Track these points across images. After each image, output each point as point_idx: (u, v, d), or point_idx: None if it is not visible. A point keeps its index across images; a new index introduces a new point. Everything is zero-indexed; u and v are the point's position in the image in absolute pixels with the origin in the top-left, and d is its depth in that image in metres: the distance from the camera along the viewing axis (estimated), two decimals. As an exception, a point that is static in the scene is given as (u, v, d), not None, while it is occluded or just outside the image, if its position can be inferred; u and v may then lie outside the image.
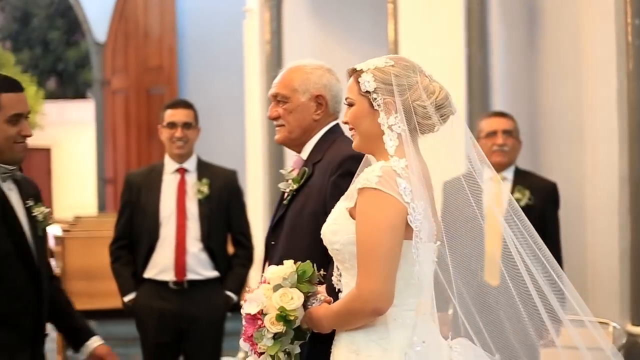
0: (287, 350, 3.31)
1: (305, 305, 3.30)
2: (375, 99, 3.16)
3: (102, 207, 18.36)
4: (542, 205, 5.78)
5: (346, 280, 3.20)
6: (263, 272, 3.62)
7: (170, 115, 6.18)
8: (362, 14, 9.73)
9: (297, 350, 3.34)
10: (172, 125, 6.15)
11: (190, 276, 6.00)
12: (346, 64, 3.45)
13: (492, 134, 5.84)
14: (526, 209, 5.72)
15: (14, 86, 3.87)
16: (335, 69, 4.08)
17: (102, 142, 17.66)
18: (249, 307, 3.31)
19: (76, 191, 28.60)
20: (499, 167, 5.83)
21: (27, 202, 3.94)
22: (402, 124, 3.14)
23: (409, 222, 3.02)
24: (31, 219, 3.94)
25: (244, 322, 3.35)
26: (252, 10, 11.02)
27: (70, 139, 33.26)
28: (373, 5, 9.33)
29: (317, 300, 3.32)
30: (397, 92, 3.14)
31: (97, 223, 12.43)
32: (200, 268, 6.04)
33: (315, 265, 3.33)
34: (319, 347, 3.36)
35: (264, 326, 3.27)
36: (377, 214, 3.02)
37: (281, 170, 4.07)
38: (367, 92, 3.18)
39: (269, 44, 10.01)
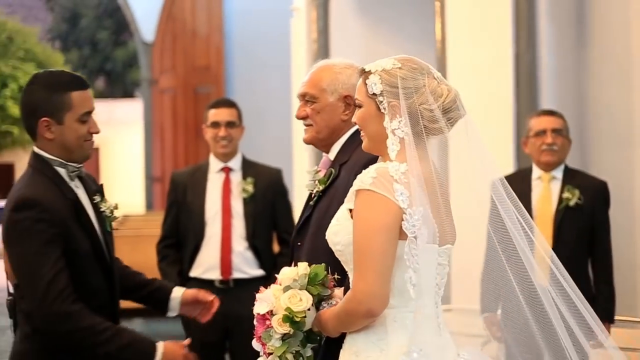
0: (298, 352, 3.30)
1: (318, 308, 3.30)
2: (382, 101, 3.14)
3: (149, 205, 18.46)
4: (592, 205, 5.71)
5: (352, 281, 3.17)
6: None
7: (213, 114, 6.20)
8: (408, 12, 9.68)
9: (309, 353, 3.33)
10: (215, 124, 6.17)
11: (236, 275, 6.01)
12: (392, 63, 3.41)
13: (542, 132, 5.77)
14: (576, 209, 5.69)
15: (82, 84, 3.84)
16: (382, 68, 4.03)
17: (150, 141, 17.76)
18: (258, 307, 3.33)
19: (124, 190, 28.81)
20: (548, 166, 5.77)
21: (94, 198, 3.91)
22: (406, 128, 3.10)
23: (403, 228, 2.99)
24: (99, 215, 3.92)
25: (255, 322, 3.36)
26: (299, 9, 11.02)
27: (118, 138, 33.55)
28: (420, 4, 9.29)
29: (330, 303, 3.32)
30: (402, 95, 3.10)
31: (145, 222, 12.48)
32: (246, 267, 6.04)
33: (329, 268, 3.33)
34: (332, 350, 3.33)
35: (272, 327, 3.27)
36: (370, 215, 3.00)
37: (307, 171, 4.01)
38: (374, 94, 3.16)
39: (316, 43, 9.99)
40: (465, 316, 6.04)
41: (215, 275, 5.97)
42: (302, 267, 3.33)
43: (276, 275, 3.43)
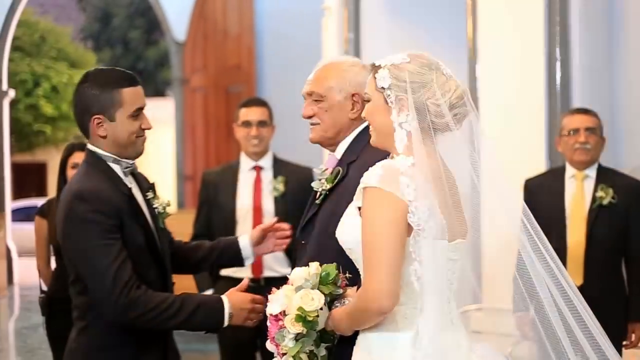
0: (312, 351, 3.31)
1: (330, 307, 3.31)
2: (389, 95, 3.16)
3: (181, 204, 18.51)
4: (625, 204, 5.67)
5: (363, 279, 3.18)
6: None
7: (244, 114, 6.23)
8: (440, 11, 9.65)
9: (323, 352, 3.34)
10: (246, 124, 6.20)
11: (267, 273, 6.02)
12: (425, 61, 3.41)
13: (575, 131, 5.73)
14: (609, 207, 5.65)
15: (132, 80, 3.86)
16: (413, 67, 4.00)
17: (182, 139, 17.82)
18: (271, 307, 3.34)
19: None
20: (582, 165, 5.74)
21: (147, 194, 3.96)
22: (413, 122, 3.12)
23: (409, 221, 3.00)
24: (152, 211, 3.96)
25: (268, 323, 3.37)
26: (330, 8, 11.02)
27: (150, 136, 33.64)
28: (451, 2, 9.26)
29: (342, 302, 3.33)
30: (410, 89, 3.12)
31: (176, 220, 12.52)
32: (277, 265, 6.06)
33: (340, 267, 3.33)
34: (346, 349, 3.33)
35: (285, 327, 3.28)
36: (377, 212, 3.02)
37: (315, 169, 3.97)
38: (382, 88, 3.19)
39: (347, 42, 9.99)
40: (496, 316, 6.02)
41: (246, 273, 5.98)
42: (314, 267, 3.34)
43: (288, 275, 3.44)
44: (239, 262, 4.33)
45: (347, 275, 3.35)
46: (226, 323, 3.80)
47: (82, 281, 3.77)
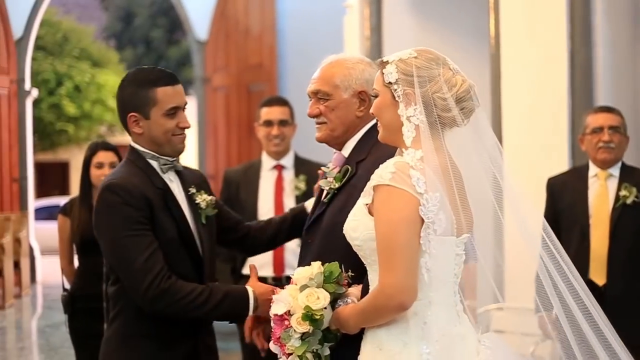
0: (317, 351, 3.32)
1: (333, 306, 3.33)
2: (396, 90, 3.19)
3: (203, 202, 18.53)
4: (650, 203, 5.63)
5: (371, 276, 3.22)
6: None
7: (266, 113, 6.25)
8: (462, 8, 9.62)
9: (327, 352, 3.35)
10: (268, 123, 6.22)
11: (289, 272, 6.01)
12: (447, 60, 3.40)
13: (598, 129, 5.68)
14: (633, 207, 5.61)
15: (169, 80, 3.92)
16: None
17: (203, 138, 17.85)
18: (276, 307, 3.36)
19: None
20: (605, 164, 5.69)
21: (189, 190, 4.01)
22: (421, 116, 3.15)
23: (420, 213, 3.02)
24: (194, 207, 4.00)
25: (272, 324, 3.39)
26: (352, 6, 11.01)
27: (172, 136, 33.69)
28: (474, 0, 9.23)
29: (345, 301, 3.34)
30: (417, 83, 3.15)
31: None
32: (299, 264, 6.06)
33: (342, 266, 3.35)
34: (346, 347, 3.33)
35: (291, 326, 3.30)
36: (391, 210, 3.04)
37: (323, 168, 3.92)
38: (390, 83, 3.21)
39: (369, 40, 9.98)
40: (518, 315, 6.00)
41: (268, 272, 5.98)
42: (316, 266, 3.37)
43: (290, 275, 3.44)
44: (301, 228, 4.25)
45: (350, 274, 3.36)
46: (251, 312, 3.85)
47: (114, 271, 3.86)
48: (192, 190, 4.02)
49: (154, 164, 3.93)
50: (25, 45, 18.27)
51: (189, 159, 23.00)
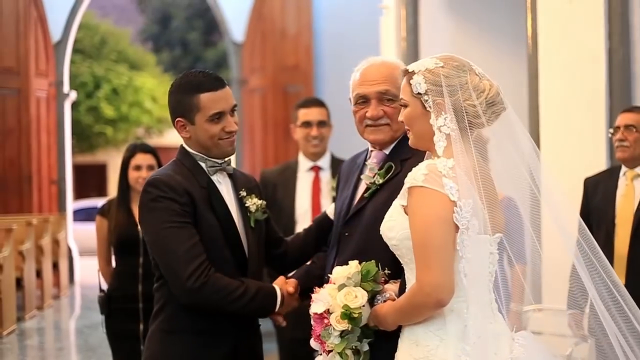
0: (356, 347, 3.41)
1: (371, 304, 3.41)
2: (427, 100, 3.24)
3: (239, 204, 18.58)
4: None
5: (408, 274, 3.29)
6: (334, 262, 3.76)
7: (304, 114, 6.29)
8: (499, 8, 9.58)
9: (366, 347, 3.44)
10: (307, 124, 6.26)
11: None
12: (483, 60, 3.42)
13: (617, 129, 5.71)
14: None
15: (213, 85, 3.93)
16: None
17: (240, 139, 17.88)
18: (315, 306, 3.46)
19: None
20: (623, 162, 5.70)
21: (240, 193, 4.05)
22: (452, 124, 3.20)
23: (454, 220, 3.08)
24: (244, 211, 4.04)
25: (312, 322, 3.48)
26: (388, 7, 10.99)
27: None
28: (511, 0, 9.19)
29: (383, 297, 3.42)
30: (447, 92, 3.20)
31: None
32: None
33: (379, 264, 3.42)
34: (384, 342, 3.39)
35: (330, 324, 3.39)
36: (426, 210, 3.10)
37: (367, 162, 3.92)
38: (419, 93, 3.26)
39: (405, 41, 9.96)
40: (556, 316, 5.96)
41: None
42: (354, 265, 3.45)
43: (329, 275, 3.48)
44: (323, 241, 4.33)
45: (387, 271, 3.44)
46: (277, 309, 3.96)
47: (158, 266, 3.92)
48: (243, 193, 4.06)
49: (203, 164, 3.99)
50: (63, 48, 18.40)
51: (226, 160, 23.04)
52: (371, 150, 3.96)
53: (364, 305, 3.38)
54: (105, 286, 6.38)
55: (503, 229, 3.26)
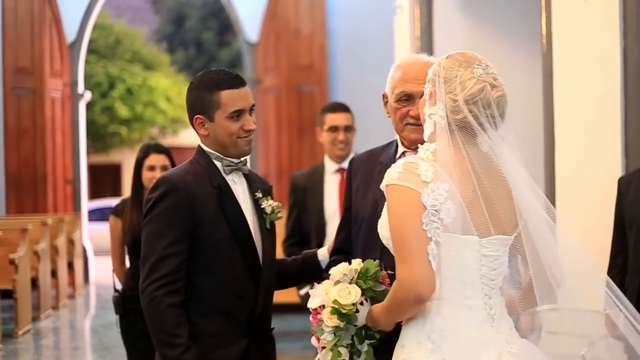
0: (354, 346, 3.40)
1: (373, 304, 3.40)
2: (426, 88, 3.31)
3: (255, 203, 18.62)
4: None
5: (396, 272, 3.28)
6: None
7: (331, 119, 6.59)
8: (513, 7, 9.55)
9: (365, 348, 3.42)
10: (334, 129, 6.56)
11: None
12: (498, 59, 3.40)
13: None
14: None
15: (234, 82, 3.95)
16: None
17: (255, 139, 17.85)
18: (311, 301, 3.46)
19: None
20: None
21: (255, 194, 4.04)
22: (442, 112, 3.21)
23: (422, 200, 3.07)
24: (259, 212, 4.02)
25: (310, 318, 3.48)
26: (402, 7, 10.98)
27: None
28: (525, -1, 9.16)
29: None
30: (438, 83, 3.24)
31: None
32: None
33: (382, 264, 3.43)
34: (389, 346, 3.37)
35: (323, 320, 3.39)
36: (397, 206, 3.14)
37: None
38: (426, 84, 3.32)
39: (420, 40, 9.94)
40: (571, 316, 5.94)
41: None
42: (356, 263, 3.46)
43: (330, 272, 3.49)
44: (319, 274, 4.21)
45: (389, 272, 3.41)
46: None
47: None
48: (259, 195, 4.04)
49: (218, 164, 3.98)
50: (78, 48, 18.44)
51: (240, 160, 23.09)
52: (404, 151, 3.94)
53: (361, 304, 3.38)
54: (119, 286, 6.40)
55: (512, 231, 3.21)
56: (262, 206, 4.03)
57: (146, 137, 30.93)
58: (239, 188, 4.01)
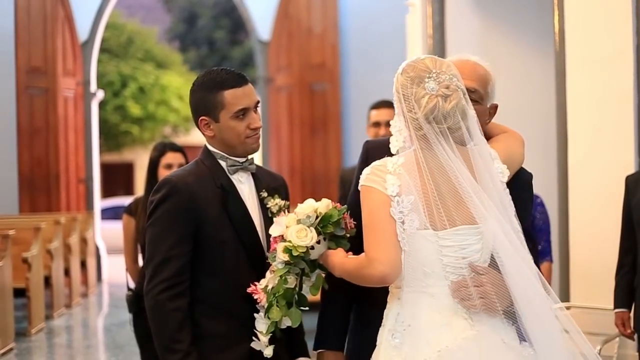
0: (305, 273, 3.62)
1: (338, 244, 3.58)
2: (394, 100, 3.44)
3: (266, 202, 18.62)
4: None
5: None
6: None
7: (374, 115, 6.92)
8: (525, 5, 9.53)
9: (314, 278, 3.64)
10: (376, 124, 6.87)
11: None
12: (510, 57, 3.39)
13: None
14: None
15: (236, 81, 3.90)
16: (499, 62, 3.92)
17: (267, 137, 17.91)
18: (273, 229, 3.66)
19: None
20: None
21: (261, 193, 3.99)
22: (405, 127, 3.39)
23: (390, 213, 3.24)
24: (266, 212, 3.98)
25: (271, 240, 3.68)
26: (414, 5, 10.97)
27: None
28: (537, -4, 9.15)
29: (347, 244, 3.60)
30: (399, 99, 3.38)
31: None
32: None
33: (349, 212, 3.57)
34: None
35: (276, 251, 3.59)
36: (367, 202, 3.31)
37: None
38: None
39: (432, 38, 9.92)
40: (584, 314, 5.93)
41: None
42: (324, 205, 3.60)
43: (300, 203, 3.63)
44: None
45: (354, 222, 3.56)
46: None
47: None
48: (263, 194, 3.99)
49: (223, 163, 3.95)
50: (90, 47, 18.48)
51: (254, 157, 23.08)
52: None
53: (318, 242, 3.53)
54: (132, 285, 6.40)
55: (472, 221, 3.27)
56: (267, 206, 3.98)
57: (158, 135, 30.97)
58: (246, 187, 3.97)
